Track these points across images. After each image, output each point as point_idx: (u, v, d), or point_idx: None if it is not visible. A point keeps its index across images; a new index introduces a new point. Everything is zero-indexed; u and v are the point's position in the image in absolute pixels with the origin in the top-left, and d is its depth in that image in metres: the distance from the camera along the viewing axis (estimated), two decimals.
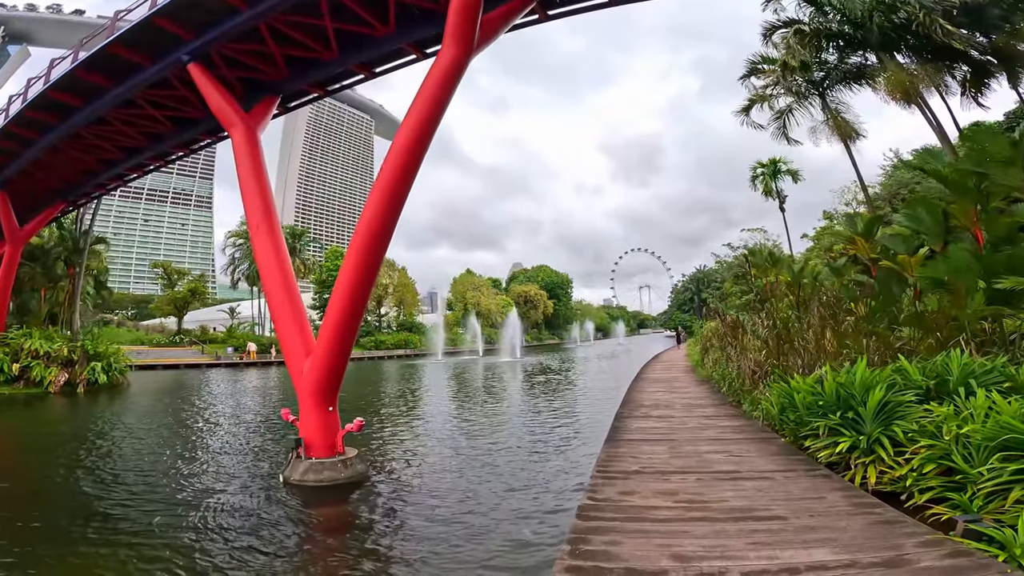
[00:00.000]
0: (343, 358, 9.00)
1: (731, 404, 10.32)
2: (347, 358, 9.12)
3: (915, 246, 11.35)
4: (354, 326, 9.00)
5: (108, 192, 25.84)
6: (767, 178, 31.92)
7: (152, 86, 13.95)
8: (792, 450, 6.57)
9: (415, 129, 8.34)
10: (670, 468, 6.05)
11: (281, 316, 9.29)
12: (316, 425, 8.67)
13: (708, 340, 18.49)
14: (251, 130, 11.26)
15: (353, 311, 8.78)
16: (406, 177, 8.46)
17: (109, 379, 23.91)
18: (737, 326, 14.54)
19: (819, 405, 6.12)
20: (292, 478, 8.36)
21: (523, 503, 7.62)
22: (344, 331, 8.82)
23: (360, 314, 9.09)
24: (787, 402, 6.95)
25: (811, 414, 6.29)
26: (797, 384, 6.73)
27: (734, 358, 11.97)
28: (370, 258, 8.57)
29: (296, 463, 8.54)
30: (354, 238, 8.58)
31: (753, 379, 10.01)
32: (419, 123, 8.38)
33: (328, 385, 8.84)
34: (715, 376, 13.18)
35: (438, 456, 10.61)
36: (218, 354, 43.95)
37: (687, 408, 10.27)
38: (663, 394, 12.49)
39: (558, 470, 9.28)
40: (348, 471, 8.58)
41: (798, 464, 5.99)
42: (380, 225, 8.46)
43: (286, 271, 9.63)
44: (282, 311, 9.30)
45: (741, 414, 9.28)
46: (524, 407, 17.80)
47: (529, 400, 19.51)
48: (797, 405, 6.61)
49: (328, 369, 8.84)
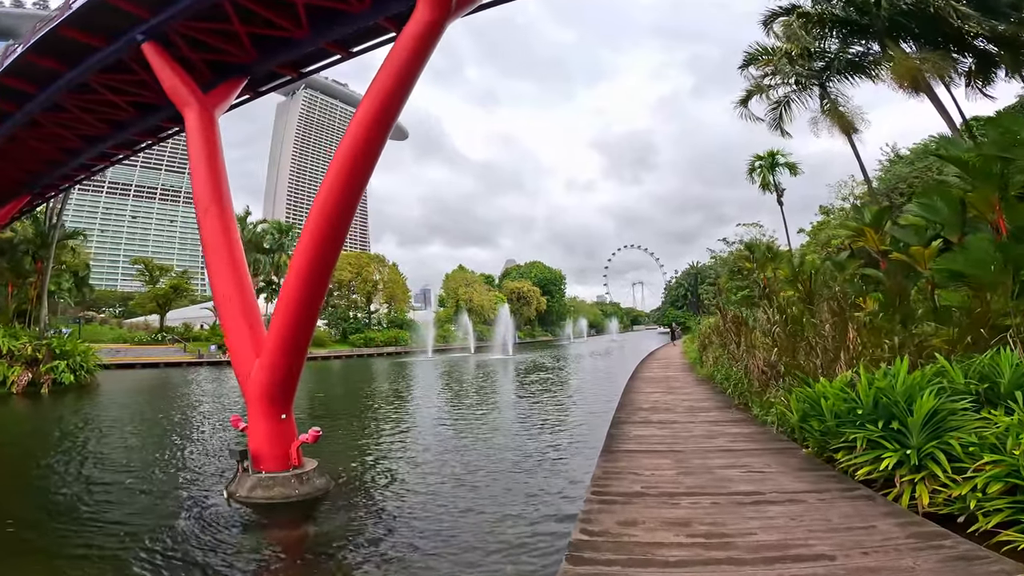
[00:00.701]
0: (297, 357, 7.90)
1: (738, 407, 9.43)
2: (302, 357, 8.06)
3: (928, 238, 10.61)
4: (309, 320, 7.95)
5: (76, 183, 24.58)
6: (765, 171, 31.07)
7: (108, 69, 12.96)
8: (818, 464, 5.66)
9: (381, 100, 7.26)
10: (679, 488, 5.12)
11: (229, 310, 8.18)
12: (266, 434, 7.62)
13: (707, 337, 17.61)
14: (207, 111, 10.23)
15: (307, 302, 7.67)
16: (368, 153, 7.37)
17: (77, 379, 22.67)
18: (740, 322, 13.69)
19: (856, 414, 5.20)
20: (238, 494, 7.31)
21: (511, 530, 6.58)
22: (298, 326, 7.71)
23: (316, 306, 8.01)
24: (810, 408, 6.04)
25: (843, 423, 5.37)
26: (823, 388, 5.81)
27: (739, 356, 11.08)
28: (326, 243, 7.47)
29: (243, 477, 7.49)
30: (308, 220, 7.51)
31: (763, 380, 9.11)
32: (385, 94, 7.31)
33: (280, 389, 7.71)
34: (717, 376, 12.30)
35: (414, 471, 9.51)
36: (201, 352, 42.59)
37: (690, 412, 9.36)
38: (662, 395, 11.58)
39: (549, 488, 8.25)
40: (304, 487, 7.48)
41: (830, 482, 5.08)
42: (338, 206, 7.35)
43: (236, 260, 8.52)
44: (230, 305, 8.19)
45: (751, 419, 8.38)
46: (514, 411, 16.64)
47: (519, 402, 18.36)
48: (824, 412, 5.70)
49: (280, 370, 7.70)
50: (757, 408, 8.81)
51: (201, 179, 8.94)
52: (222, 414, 16.24)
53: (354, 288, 58.95)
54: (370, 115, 7.35)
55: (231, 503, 7.14)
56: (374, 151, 7.53)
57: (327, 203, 7.35)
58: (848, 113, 26.23)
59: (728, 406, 9.63)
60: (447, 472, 9.25)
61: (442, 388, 23.97)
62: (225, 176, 9.49)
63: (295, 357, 7.78)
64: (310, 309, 7.72)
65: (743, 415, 8.78)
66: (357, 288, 58.76)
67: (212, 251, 8.46)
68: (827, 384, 5.86)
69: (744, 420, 8.35)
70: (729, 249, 42.74)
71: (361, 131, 7.36)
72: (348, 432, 12.95)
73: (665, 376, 15.94)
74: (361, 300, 60.55)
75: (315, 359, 47.00)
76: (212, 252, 8.44)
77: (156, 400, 20.98)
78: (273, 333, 7.70)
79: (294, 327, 7.69)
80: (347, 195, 7.45)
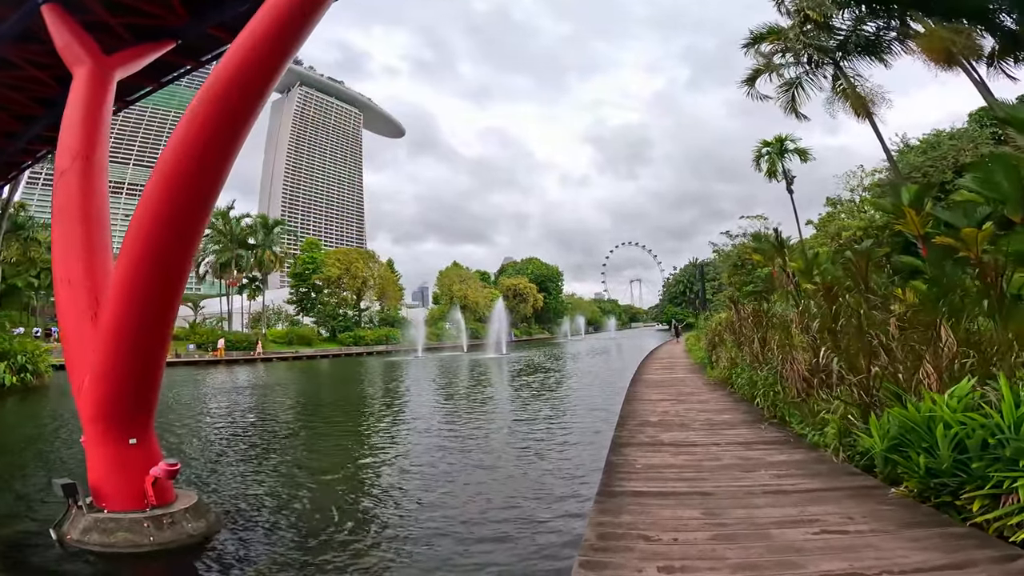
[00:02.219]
0: (145, 363, 5.73)
1: (771, 421, 7.46)
2: (156, 363, 5.91)
3: (980, 218, 8.84)
4: (158, 313, 5.77)
5: (21, 171, 22.56)
6: (773, 157, 29.12)
7: (20, 39, 11.00)
8: (931, 516, 3.71)
9: (259, 40, 5.12)
10: (720, 571, 3.14)
11: (68, 299, 5.98)
12: (107, 464, 5.58)
13: (717, 334, 15.63)
14: (104, 72, 8.20)
15: (151, 285, 5.53)
16: (241, 106, 5.19)
17: (22, 380, 20.54)
18: (761, 317, 11.72)
19: (997, 448, 3.23)
20: (71, 537, 5.39)
21: None
22: (138, 324, 5.58)
23: (169, 293, 5.88)
24: (909, 435, 4.06)
25: (981, 462, 3.41)
26: (940, 408, 3.82)
27: (765, 357, 9.12)
28: (172, 211, 5.23)
29: (77, 515, 5.53)
30: (147, 186, 5.31)
31: (804, 388, 7.15)
32: (265, 33, 5.16)
33: (122, 406, 5.63)
34: (737, 380, 10.32)
35: (350, 512, 6.92)
36: (178, 352, 40.43)
37: (711, 428, 7.38)
38: (672, 404, 9.60)
39: (530, 552, 5.59)
40: (164, 533, 5.45)
41: (970, 548, 3.15)
42: (189, 164, 5.12)
43: (94, 235, 6.32)
44: (70, 293, 6.00)
45: (793, 438, 6.42)
46: (498, 425, 13.33)
47: (505, 415, 15.10)
48: (937, 442, 3.73)
49: (118, 381, 5.60)
50: (798, 423, 6.86)
51: (73, 129, 6.81)
52: (173, 419, 14.19)
53: (344, 285, 56.85)
54: (244, 57, 5.23)
55: (64, 546, 5.13)
56: (248, 104, 5.34)
57: (179, 160, 5.12)
58: (867, 92, 24.34)
59: (757, 420, 7.66)
60: (388, 516, 6.86)
61: (418, 393, 21.91)
62: (106, 133, 7.39)
63: (142, 363, 5.54)
64: (157, 297, 5.47)
65: (781, 433, 6.81)
66: (346, 285, 56.65)
67: (62, 218, 6.19)
68: (941, 402, 3.87)
69: (785, 441, 6.38)
70: (731, 243, 40.81)
71: (234, 74, 5.22)
72: (283, 455, 10.49)
73: (672, 379, 13.97)
74: (351, 297, 58.45)
75: (300, 358, 45.03)
76: (62, 220, 6.19)
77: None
78: (105, 336, 5.55)
79: (135, 327, 5.51)
80: (208, 152, 5.18)
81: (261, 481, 8.50)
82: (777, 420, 7.41)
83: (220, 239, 48.45)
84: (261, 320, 52.39)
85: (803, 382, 7.32)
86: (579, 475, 8.18)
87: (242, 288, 50.21)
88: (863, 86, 24.18)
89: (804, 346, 7.55)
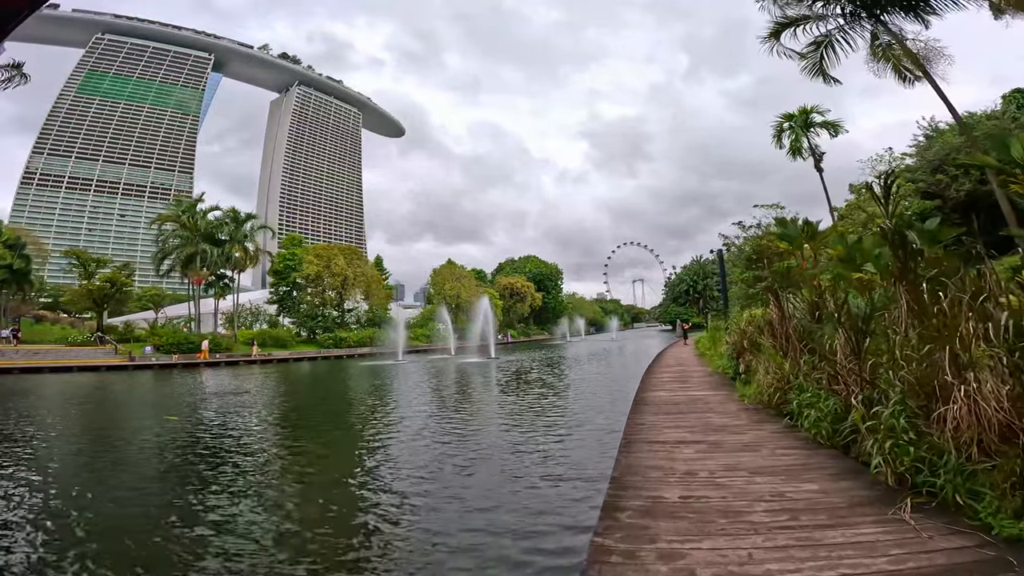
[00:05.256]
0: None
1: (915, 499, 3.63)
2: None
3: None
4: None
5: None
6: (797, 131, 25.14)
7: None
8: None
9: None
10: None
11: None
12: None
13: (748, 338, 11.62)
14: None
15: None
16: None
17: None
18: (857, 323, 7.84)
19: None
20: None
21: None
22: None
23: None
24: None
25: None
26: None
27: (871, 379, 5.31)
28: None
29: None
30: None
31: (1005, 440, 3.32)
32: None
33: None
34: (803, 412, 6.44)
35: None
36: (132, 355, 36.61)
37: (795, 523, 3.54)
38: (702, 453, 5.75)
39: None
40: None
41: None
42: None
43: None
44: None
45: (999, 545, 2.57)
46: (446, 472, 8.45)
47: (458, 455, 9.45)
48: None
49: None
50: (993, 513, 3.06)
51: None
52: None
53: (325, 283, 53.03)
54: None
55: None
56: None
57: None
58: (919, 49, 20.43)
59: (882, 497, 3.83)
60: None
61: (375, 409, 18.10)
62: None
63: None
64: None
65: (957, 536, 2.98)
66: (327, 283, 52.81)
67: None
68: None
69: (984, 560, 2.55)
70: (744, 235, 36.86)
71: None
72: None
73: (690, 399, 10.01)
74: (333, 296, 54.61)
75: (271, 361, 41.13)
76: None
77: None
78: None
79: None
80: None
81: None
82: (936, 499, 3.57)
83: (183, 233, 44.54)
84: (234, 321, 48.55)
85: (995, 430, 3.50)
86: None
87: (209, 286, 46.28)
88: (914, 42, 20.41)
89: (993, 364, 3.69)
